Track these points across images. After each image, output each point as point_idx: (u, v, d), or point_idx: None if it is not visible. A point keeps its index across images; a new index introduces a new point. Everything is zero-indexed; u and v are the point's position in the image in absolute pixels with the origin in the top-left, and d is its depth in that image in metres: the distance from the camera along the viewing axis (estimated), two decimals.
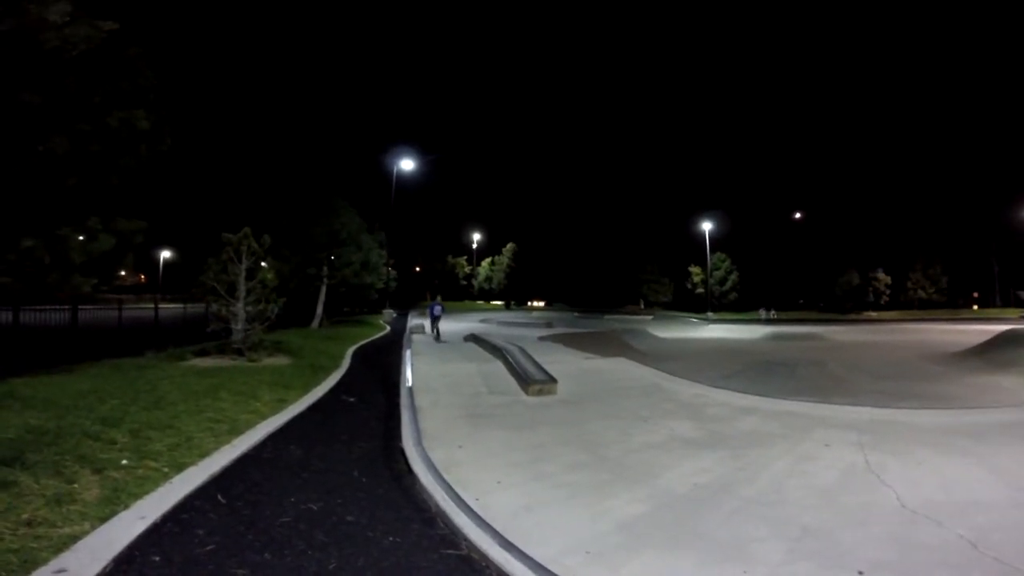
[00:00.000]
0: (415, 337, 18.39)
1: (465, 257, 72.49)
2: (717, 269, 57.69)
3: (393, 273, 43.05)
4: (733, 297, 58.25)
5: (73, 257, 8.39)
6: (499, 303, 63.64)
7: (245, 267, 12.19)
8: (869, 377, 12.90)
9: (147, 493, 4.10)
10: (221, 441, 5.62)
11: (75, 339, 9.92)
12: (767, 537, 3.79)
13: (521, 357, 11.55)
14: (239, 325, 11.91)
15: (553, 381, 9.46)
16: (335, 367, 12.07)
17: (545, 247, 69.05)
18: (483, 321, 32.04)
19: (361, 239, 26.44)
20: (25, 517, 3.43)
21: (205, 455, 5.14)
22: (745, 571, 3.33)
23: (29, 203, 8.40)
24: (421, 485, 4.82)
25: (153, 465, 4.68)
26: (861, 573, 3.28)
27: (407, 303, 48.72)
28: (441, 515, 4.20)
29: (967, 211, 58.65)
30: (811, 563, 3.42)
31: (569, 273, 67.17)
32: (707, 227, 52.30)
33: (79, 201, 8.89)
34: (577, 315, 45.37)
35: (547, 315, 43.78)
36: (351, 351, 15.71)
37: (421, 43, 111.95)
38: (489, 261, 71.48)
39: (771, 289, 57.20)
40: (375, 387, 10.10)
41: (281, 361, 11.52)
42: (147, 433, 5.49)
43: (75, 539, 3.29)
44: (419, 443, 6.00)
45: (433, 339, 18.19)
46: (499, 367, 11.54)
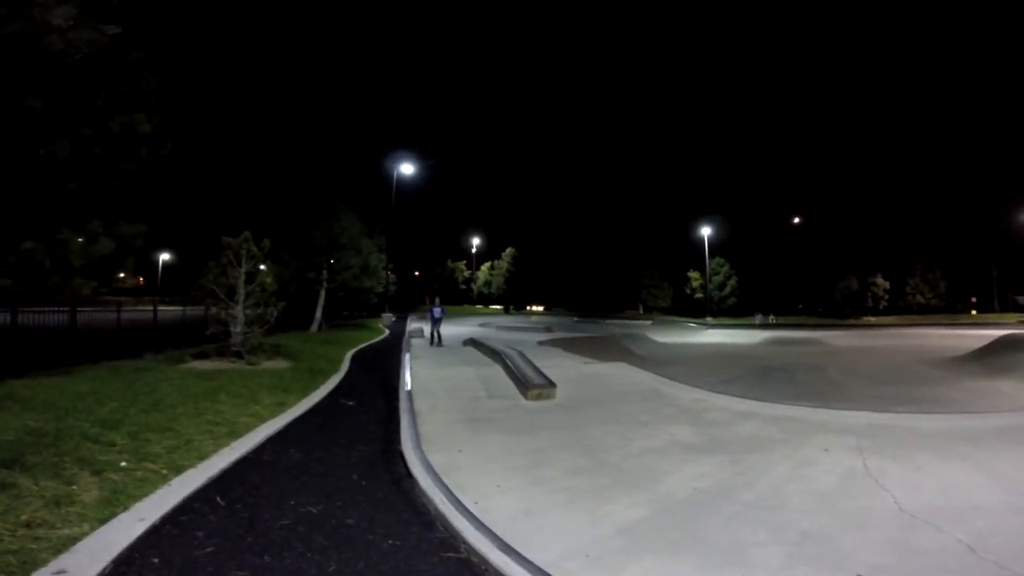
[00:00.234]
0: (414, 341, 18.38)
1: (464, 262, 72.54)
2: (716, 274, 57.72)
3: (392, 277, 43.05)
4: (732, 302, 58.23)
5: (73, 260, 8.39)
6: (498, 308, 63.54)
7: (245, 271, 12.20)
8: (868, 382, 12.94)
9: (146, 495, 4.11)
10: (220, 444, 5.62)
11: (74, 341, 9.91)
12: (766, 542, 3.80)
13: (520, 361, 11.53)
14: (238, 328, 11.91)
15: (552, 385, 9.45)
16: (334, 371, 12.07)
17: (544, 252, 69.05)
18: (482, 325, 32.04)
19: (361, 243, 26.43)
20: (24, 518, 3.44)
21: (204, 458, 5.14)
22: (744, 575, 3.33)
23: (30, 206, 8.40)
24: (420, 489, 4.82)
25: (152, 467, 4.68)
26: None
27: (406, 307, 48.75)
28: (440, 519, 4.20)
29: (966, 216, 59.05)
30: (810, 567, 3.43)
31: (568, 278, 67.15)
32: (706, 232, 52.38)
33: (80, 204, 8.89)
34: (576, 320, 45.32)
35: (546, 320, 43.68)
36: (350, 355, 15.70)
37: (421, 48, 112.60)
38: (488, 266, 71.46)
39: (770, 294, 57.37)
40: (374, 391, 10.09)
41: (280, 364, 11.52)
42: (146, 435, 5.49)
43: (74, 540, 3.30)
44: (418, 447, 6.00)
45: (432, 343, 18.15)
46: (498, 371, 11.52)
